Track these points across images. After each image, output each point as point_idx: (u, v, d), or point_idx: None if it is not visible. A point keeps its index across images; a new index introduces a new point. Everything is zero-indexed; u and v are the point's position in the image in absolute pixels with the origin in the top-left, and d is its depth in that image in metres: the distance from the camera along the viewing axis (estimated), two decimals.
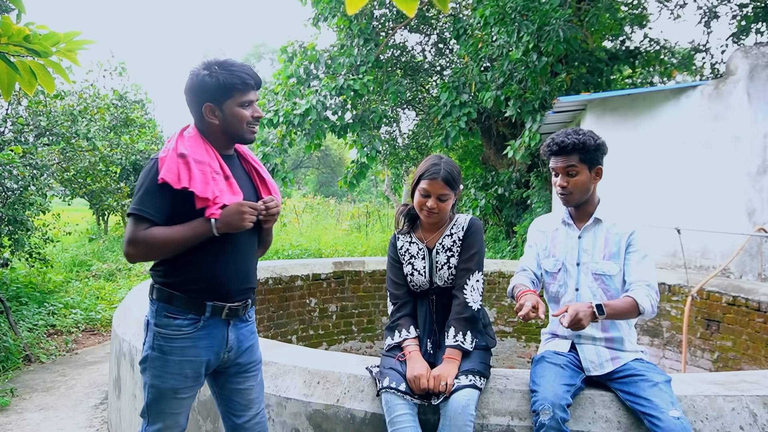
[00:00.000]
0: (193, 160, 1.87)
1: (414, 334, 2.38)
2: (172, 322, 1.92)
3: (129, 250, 1.85)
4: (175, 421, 1.98)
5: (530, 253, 2.57)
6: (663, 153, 6.21)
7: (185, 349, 1.92)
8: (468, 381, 2.12)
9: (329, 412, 2.31)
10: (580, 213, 2.45)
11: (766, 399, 2.12)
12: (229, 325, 2.02)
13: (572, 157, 2.31)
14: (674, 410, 1.91)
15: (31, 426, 3.65)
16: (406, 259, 2.50)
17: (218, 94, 1.91)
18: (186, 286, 1.93)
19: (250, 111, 1.97)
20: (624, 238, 2.33)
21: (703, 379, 2.33)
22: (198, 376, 1.97)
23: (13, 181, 4.91)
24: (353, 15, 10.14)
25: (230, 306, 1.99)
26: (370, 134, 10.71)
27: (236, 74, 1.91)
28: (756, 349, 4.59)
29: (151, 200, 1.86)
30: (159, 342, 1.93)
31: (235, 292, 2.01)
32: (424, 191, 2.36)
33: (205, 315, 1.94)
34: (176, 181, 1.83)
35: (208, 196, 1.86)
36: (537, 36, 7.85)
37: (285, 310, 5.49)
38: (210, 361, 1.99)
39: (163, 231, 1.85)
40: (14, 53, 1.21)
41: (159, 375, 1.93)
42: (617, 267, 2.33)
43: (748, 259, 5.72)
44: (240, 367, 2.09)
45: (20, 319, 5.82)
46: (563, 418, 1.96)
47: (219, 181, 1.92)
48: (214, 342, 1.98)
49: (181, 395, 1.95)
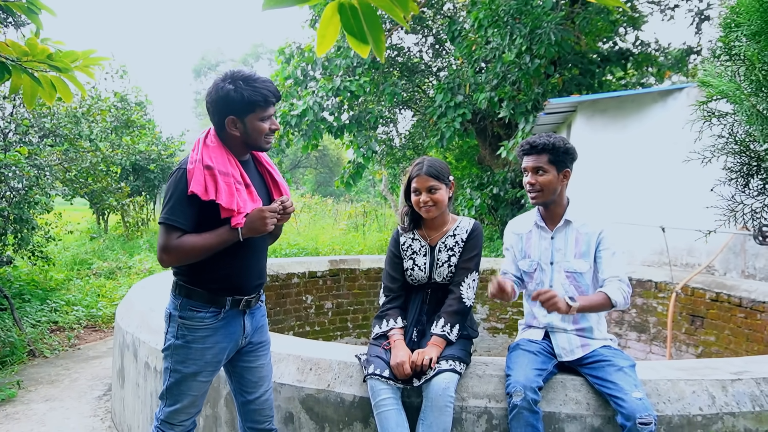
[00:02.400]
0: (219, 172, 2.03)
1: (400, 325, 2.55)
2: (195, 314, 2.12)
3: (163, 257, 2.03)
4: (192, 401, 2.17)
5: (508, 256, 2.74)
6: (651, 153, 6.37)
7: (207, 338, 2.13)
8: (449, 366, 2.28)
9: (321, 396, 2.48)
10: (550, 214, 2.60)
11: (724, 383, 2.29)
12: (245, 314, 2.23)
13: (542, 158, 2.48)
14: (637, 392, 2.08)
15: (38, 416, 3.81)
16: (407, 255, 2.67)
17: (242, 109, 2.06)
18: (208, 284, 2.13)
19: (268, 124, 2.13)
20: (594, 237, 2.50)
21: (669, 365, 2.50)
22: (218, 362, 2.18)
23: (18, 181, 5.08)
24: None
25: (247, 299, 2.20)
26: (366, 135, 10.88)
27: (259, 91, 2.05)
28: (737, 344, 4.76)
29: (182, 210, 2.02)
30: (183, 332, 2.12)
31: (252, 287, 2.23)
32: (416, 189, 2.57)
33: (225, 308, 2.14)
34: (204, 193, 2.00)
35: (233, 207, 2.04)
36: (530, 39, 8.01)
37: (282, 306, 5.65)
38: (230, 347, 2.20)
39: (194, 239, 2.02)
40: (37, 69, 1.37)
41: (182, 360, 2.13)
42: (587, 265, 2.50)
43: (732, 257, 5.89)
44: (252, 346, 2.30)
45: (24, 315, 5.97)
46: (534, 399, 2.13)
47: (242, 191, 2.10)
48: (232, 330, 2.19)
49: (200, 378, 2.15)
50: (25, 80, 1.36)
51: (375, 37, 0.70)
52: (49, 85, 1.40)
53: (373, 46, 0.72)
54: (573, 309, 2.24)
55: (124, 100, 11.12)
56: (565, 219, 2.55)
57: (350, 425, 2.44)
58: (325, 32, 0.74)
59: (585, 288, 2.50)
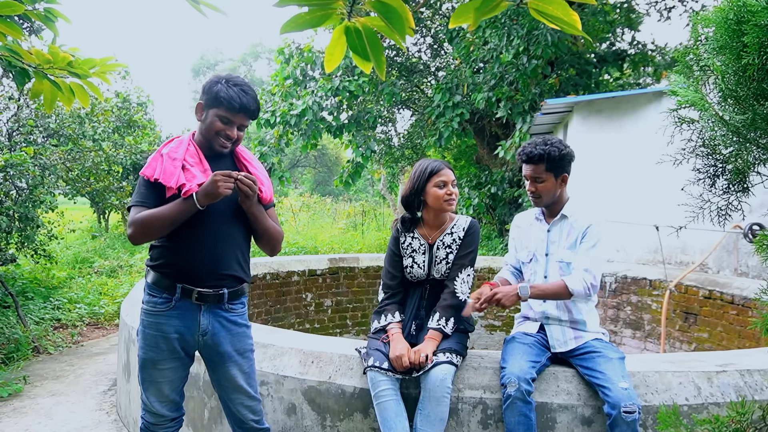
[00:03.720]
0: (168, 157, 2.16)
1: (398, 319, 2.64)
2: (151, 299, 2.20)
3: (129, 232, 2.14)
4: (158, 390, 2.22)
5: (511, 248, 2.91)
6: (646, 153, 6.46)
7: (159, 324, 2.18)
8: (446, 358, 2.38)
9: (322, 388, 2.57)
10: (550, 210, 2.76)
11: (710, 374, 2.39)
12: (201, 309, 2.19)
13: (539, 167, 2.60)
14: (623, 382, 2.18)
15: (45, 410, 3.90)
16: (407, 253, 2.76)
17: (208, 101, 2.18)
18: (162, 268, 2.20)
19: (225, 127, 2.16)
20: (582, 231, 2.62)
21: (657, 358, 2.60)
22: (173, 351, 2.19)
23: (23, 180, 5.17)
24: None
25: (200, 291, 2.16)
26: (365, 134, 10.97)
27: (230, 95, 2.12)
28: (729, 340, 4.85)
29: (142, 192, 2.17)
30: (142, 317, 2.22)
31: (205, 277, 2.17)
32: (442, 182, 2.64)
33: (176, 296, 2.17)
34: (151, 174, 2.14)
35: (172, 184, 2.11)
36: (527, 39, 8.11)
37: (282, 304, 5.74)
38: (184, 339, 2.19)
39: (151, 211, 2.11)
40: (56, 75, 1.46)
41: (141, 346, 2.21)
42: (575, 255, 2.62)
43: (725, 255, 5.99)
44: (224, 356, 2.23)
45: (27, 313, 6.06)
46: (528, 390, 2.23)
47: (192, 171, 2.14)
48: (185, 323, 2.18)
49: (159, 366, 2.20)
50: (46, 86, 1.45)
51: (376, 57, 0.79)
52: (68, 91, 1.49)
53: (374, 64, 0.81)
54: (523, 297, 2.44)
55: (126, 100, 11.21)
56: (562, 213, 2.69)
57: (351, 416, 2.54)
58: (333, 51, 0.83)
59: None
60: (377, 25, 0.76)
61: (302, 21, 0.78)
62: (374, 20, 0.76)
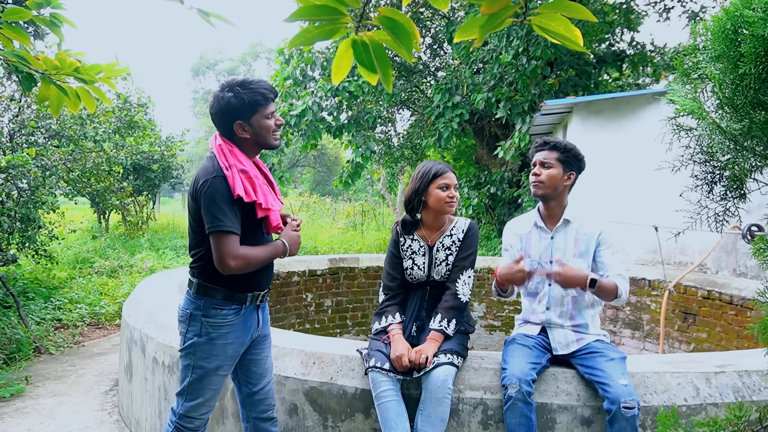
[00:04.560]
0: (253, 176, 2.17)
1: (399, 320, 2.66)
2: (219, 312, 2.22)
3: (230, 263, 2.10)
4: (213, 395, 2.29)
5: (507, 256, 2.85)
6: (645, 154, 6.48)
7: (228, 333, 2.24)
8: (447, 359, 2.40)
9: (324, 388, 2.59)
10: (549, 214, 2.73)
11: (708, 375, 2.41)
12: (259, 308, 2.36)
13: (552, 153, 2.62)
14: (623, 379, 2.21)
15: (47, 410, 3.92)
16: (407, 255, 2.79)
17: (246, 112, 2.18)
18: (233, 282, 2.23)
19: (273, 120, 2.26)
20: (593, 238, 2.63)
21: (656, 359, 2.62)
22: (236, 356, 2.30)
23: (25, 181, 5.19)
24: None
25: (263, 293, 2.34)
26: (365, 135, 10.99)
27: (257, 91, 2.18)
28: (728, 341, 4.87)
29: (234, 216, 2.12)
30: (207, 329, 2.22)
31: (268, 281, 2.38)
32: (445, 185, 2.67)
33: (246, 304, 2.27)
34: (247, 196, 2.11)
35: (270, 206, 2.19)
36: (526, 40, 8.13)
37: (282, 304, 5.76)
38: (247, 341, 2.32)
39: (257, 251, 2.18)
40: (63, 80, 1.48)
41: (206, 357, 2.23)
42: (586, 264, 2.62)
43: (724, 256, 6.02)
44: (258, 339, 2.42)
45: (28, 313, 6.07)
46: (528, 391, 2.25)
47: (267, 189, 2.24)
48: (249, 324, 2.31)
49: (221, 372, 2.26)
50: (53, 91, 1.47)
51: (383, 70, 0.81)
52: (74, 96, 1.51)
53: (381, 77, 0.82)
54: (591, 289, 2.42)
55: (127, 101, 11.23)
56: (564, 219, 2.68)
57: (352, 416, 2.56)
58: (340, 63, 0.85)
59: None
60: (384, 39, 0.78)
61: (312, 35, 0.79)
62: (381, 34, 0.78)
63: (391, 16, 0.74)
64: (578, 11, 0.85)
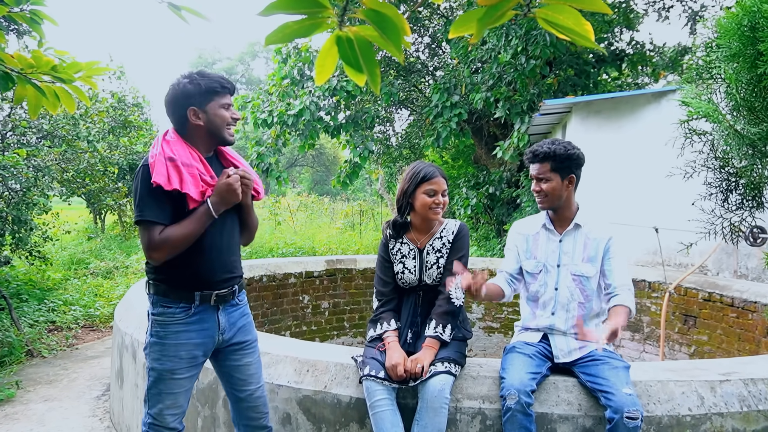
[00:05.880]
0: (182, 164, 2.06)
1: (394, 327, 2.58)
2: (166, 310, 2.14)
3: (152, 255, 2.04)
4: (174, 401, 2.17)
5: (510, 255, 2.78)
6: (645, 154, 6.43)
7: (179, 333, 2.14)
8: (444, 367, 2.33)
9: (318, 397, 2.52)
10: (559, 218, 2.66)
11: (713, 384, 2.34)
12: (219, 310, 2.22)
13: (544, 166, 2.53)
14: (627, 388, 2.14)
15: (38, 416, 3.84)
16: (397, 259, 2.71)
17: (201, 98, 2.11)
18: (176, 279, 2.14)
19: (229, 113, 2.18)
20: (602, 244, 2.56)
21: (659, 366, 2.55)
22: (192, 358, 2.17)
23: (16, 182, 5.10)
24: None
25: (217, 293, 2.19)
26: (363, 134, 10.92)
27: (214, 80, 2.13)
28: (729, 343, 4.81)
29: (156, 205, 2.04)
30: (157, 329, 2.15)
31: (220, 280, 2.21)
32: (432, 191, 2.57)
33: (194, 303, 2.15)
34: (167, 183, 2.01)
35: (197, 197, 2.07)
36: (525, 39, 8.06)
37: (279, 306, 5.68)
38: (205, 344, 2.20)
39: (177, 229, 2.04)
40: (41, 80, 1.41)
41: (157, 358, 2.15)
42: (594, 269, 2.55)
43: (725, 257, 5.96)
44: (236, 346, 2.30)
45: (21, 315, 5.99)
46: (527, 402, 2.18)
47: (206, 178, 2.12)
48: (206, 326, 2.19)
49: (177, 376, 2.15)
50: (30, 91, 1.40)
51: (370, 70, 0.74)
52: (53, 95, 1.44)
53: (368, 78, 0.75)
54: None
55: (121, 101, 11.14)
56: (575, 223, 2.61)
57: (346, 426, 2.49)
58: (324, 62, 0.78)
59: (590, 292, 2.56)
60: (371, 36, 0.71)
61: (290, 31, 0.72)
62: (367, 30, 0.71)
63: (378, 9, 0.67)
64: (591, 2, 0.77)
